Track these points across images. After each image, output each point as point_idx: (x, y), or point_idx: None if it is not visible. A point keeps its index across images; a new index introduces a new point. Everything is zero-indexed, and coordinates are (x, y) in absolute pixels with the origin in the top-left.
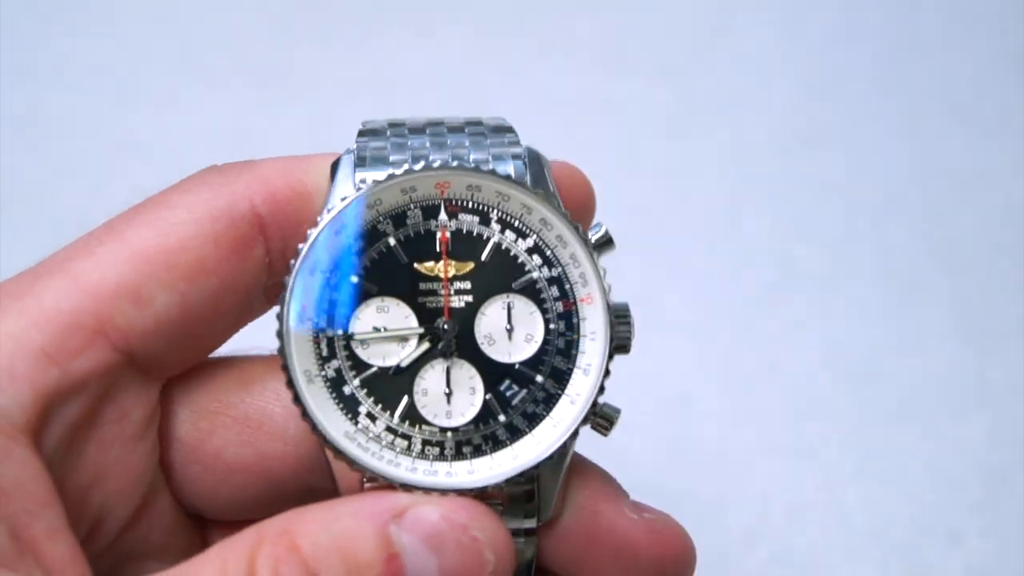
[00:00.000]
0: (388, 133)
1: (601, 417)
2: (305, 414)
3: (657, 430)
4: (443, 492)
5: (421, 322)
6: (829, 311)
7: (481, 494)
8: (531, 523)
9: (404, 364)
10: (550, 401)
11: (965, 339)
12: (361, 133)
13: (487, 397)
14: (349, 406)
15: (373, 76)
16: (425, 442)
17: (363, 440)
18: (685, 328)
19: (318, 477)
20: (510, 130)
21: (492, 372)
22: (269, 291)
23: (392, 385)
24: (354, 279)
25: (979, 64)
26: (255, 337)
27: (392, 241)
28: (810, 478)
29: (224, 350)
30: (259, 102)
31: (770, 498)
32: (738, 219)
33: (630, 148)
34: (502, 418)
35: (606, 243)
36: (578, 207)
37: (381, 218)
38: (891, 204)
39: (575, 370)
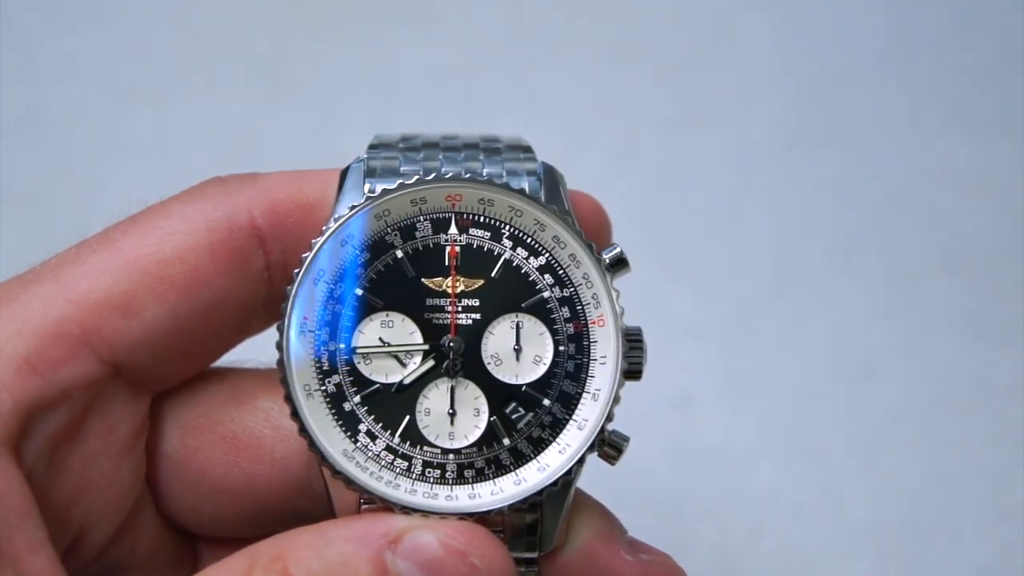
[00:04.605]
0: (400, 145)
1: (609, 445)
2: (303, 430)
3: (658, 430)
4: (443, 516)
5: (426, 339)
6: (829, 310)
7: (483, 520)
8: (532, 553)
9: (407, 382)
10: (557, 426)
11: (965, 338)
12: (373, 146)
13: (492, 419)
14: (348, 423)
15: (373, 77)
16: (426, 464)
17: (362, 459)
18: (686, 328)
19: (308, 500)
20: (527, 148)
21: (498, 393)
22: (270, 306)
23: (394, 403)
24: (359, 291)
25: (979, 64)
26: (253, 349)
27: (400, 254)
28: (810, 477)
29: (220, 361)
30: (259, 102)
31: (771, 497)
32: (739, 219)
33: (630, 148)
34: (506, 442)
35: (620, 264)
36: (592, 235)
37: (389, 229)
38: (891, 204)
39: (584, 395)
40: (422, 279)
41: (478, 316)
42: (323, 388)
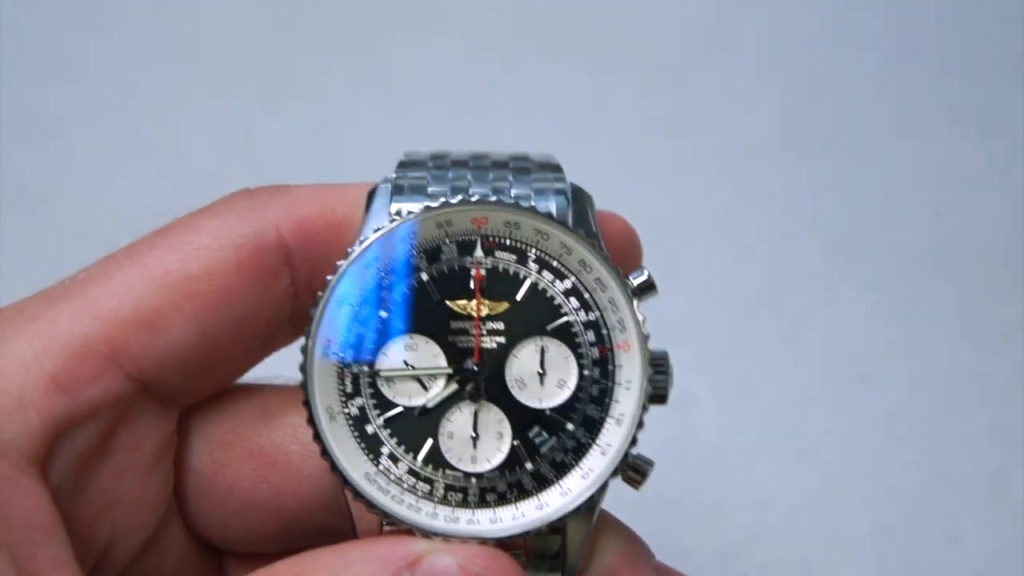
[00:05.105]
0: (429, 164)
1: (633, 470)
2: (325, 453)
3: (657, 431)
4: (463, 540)
5: (450, 362)
6: (829, 311)
7: (504, 544)
8: (555, 575)
9: (430, 405)
10: (580, 451)
11: (965, 338)
12: (402, 163)
13: (515, 443)
14: (371, 446)
15: (373, 77)
16: (448, 487)
17: (383, 482)
18: (685, 328)
19: (335, 517)
20: (557, 167)
21: (521, 417)
22: (295, 322)
23: (417, 426)
24: (383, 314)
25: (979, 64)
26: (281, 365)
27: (425, 276)
28: (810, 478)
29: (247, 377)
30: (260, 103)
31: (770, 498)
32: (738, 219)
33: (630, 148)
34: (529, 466)
35: (648, 288)
36: (621, 257)
37: (414, 252)
38: (891, 204)
39: (608, 419)
40: (447, 302)
41: (503, 339)
42: (346, 411)
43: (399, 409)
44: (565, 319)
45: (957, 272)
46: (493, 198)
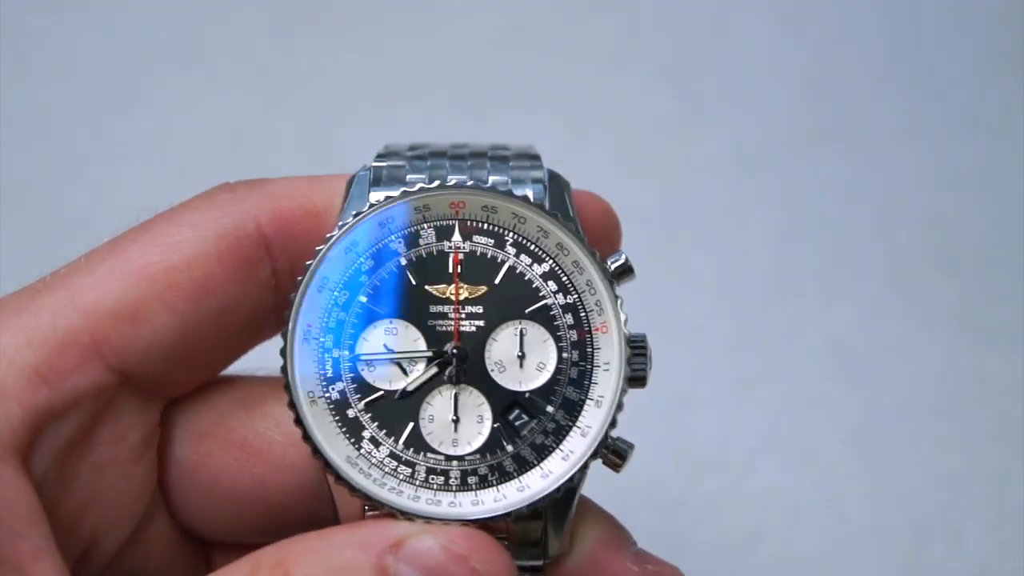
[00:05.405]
0: (408, 154)
1: (613, 452)
2: (306, 436)
3: (658, 431)
4: (445, 522)
5: (430, 346)
6: (829, 311)
7: (487, 527)
8: (537, 561)
9: (410, 388)
10: (560, 433)
11: (965, 338)
12: (381, 155)
13: (495, 426)
14: (352, 430)
15: (374, 77)
16: (429, 470)
17: (365, 466)
18: (686, 328)
19: (319, 505)
20: (535, 156)
21: (501, 400)
22: (279, 313)
23: (397, 410)
24: (363, 299)
25: (979, 64)
26: (265, 357)
27: (403, 261)
28: (810, 478)
29: (231, 369)
30: (260, 102)
31: (770, 498)
32: (739, 219)
33: (630, 148)
34: (510, 448)
35: (625, 271)
36: (601, 236)
37: (393, 237)
38: (891, 204)
39: (587, 402)
40: (426, 286)
41: (482, 323)
42: (327, 395)
43: (379, 393)
44: (543, 302)
45: (959, 272)
46: (470, 183)
